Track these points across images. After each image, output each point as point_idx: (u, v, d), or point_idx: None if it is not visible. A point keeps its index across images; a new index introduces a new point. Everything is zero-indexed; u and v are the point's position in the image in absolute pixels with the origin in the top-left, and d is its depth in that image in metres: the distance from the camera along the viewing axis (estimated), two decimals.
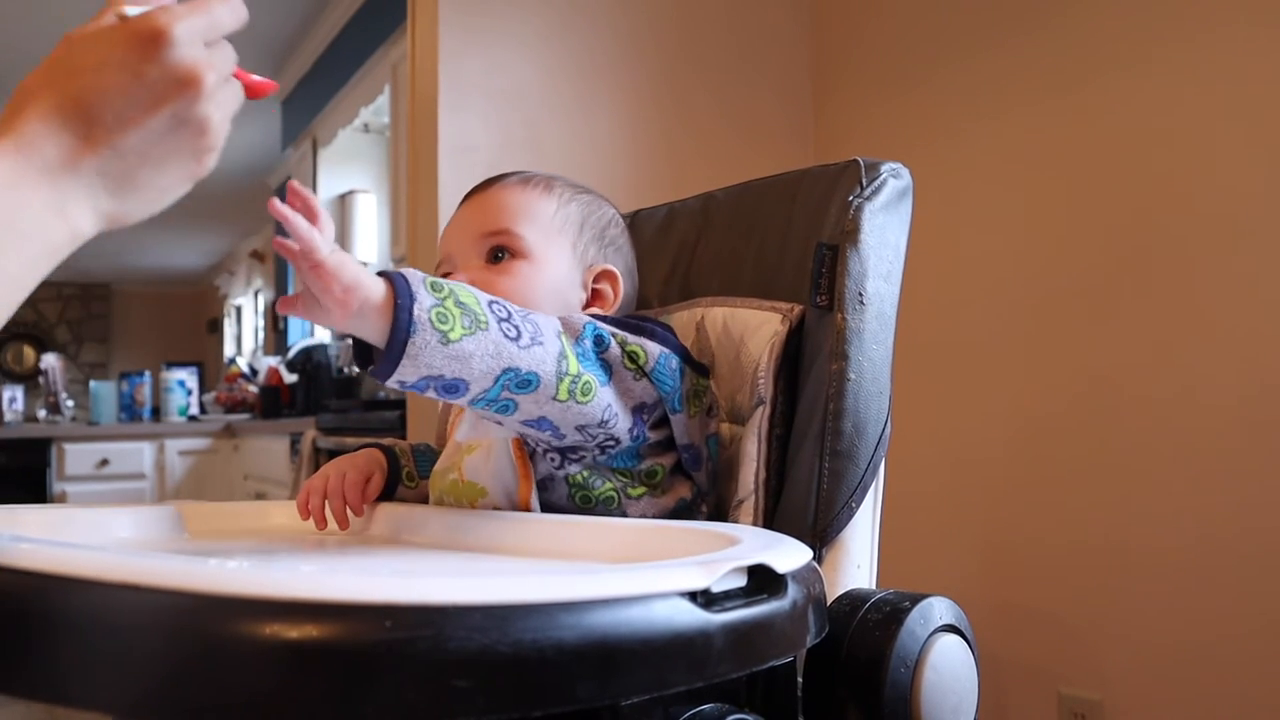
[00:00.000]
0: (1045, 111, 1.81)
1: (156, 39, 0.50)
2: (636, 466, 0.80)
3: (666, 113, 2.13)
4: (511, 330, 0.69)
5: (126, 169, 0.50)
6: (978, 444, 1.90)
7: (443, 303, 0.65)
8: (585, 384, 0.73)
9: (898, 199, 0.86)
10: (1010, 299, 1.86)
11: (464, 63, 1.94)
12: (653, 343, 0.79)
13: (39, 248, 0.48)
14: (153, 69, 0.50)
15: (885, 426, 0.82)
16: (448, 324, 0.65)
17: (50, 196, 0.48)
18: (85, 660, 0.39)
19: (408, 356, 0.64)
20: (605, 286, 0.90)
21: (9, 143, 0.48)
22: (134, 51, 0.50)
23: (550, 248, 0.87)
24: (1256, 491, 1.49)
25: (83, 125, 0.49)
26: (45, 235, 0.48)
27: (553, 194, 0.89)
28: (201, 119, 0.52)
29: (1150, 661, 1.61)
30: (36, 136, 0.48)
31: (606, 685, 0.42)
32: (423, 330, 0.63)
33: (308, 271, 0.62)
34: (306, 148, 4.02)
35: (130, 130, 0.49)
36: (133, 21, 0.51)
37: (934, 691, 0.65)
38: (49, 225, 0.48)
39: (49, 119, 0.48)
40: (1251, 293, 1.51)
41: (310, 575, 0.41)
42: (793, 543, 0.59)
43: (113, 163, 0.50)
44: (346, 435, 2.65)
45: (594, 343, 0.76)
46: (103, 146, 0.49)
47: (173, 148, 0.52)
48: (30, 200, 0.47)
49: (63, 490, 4.34)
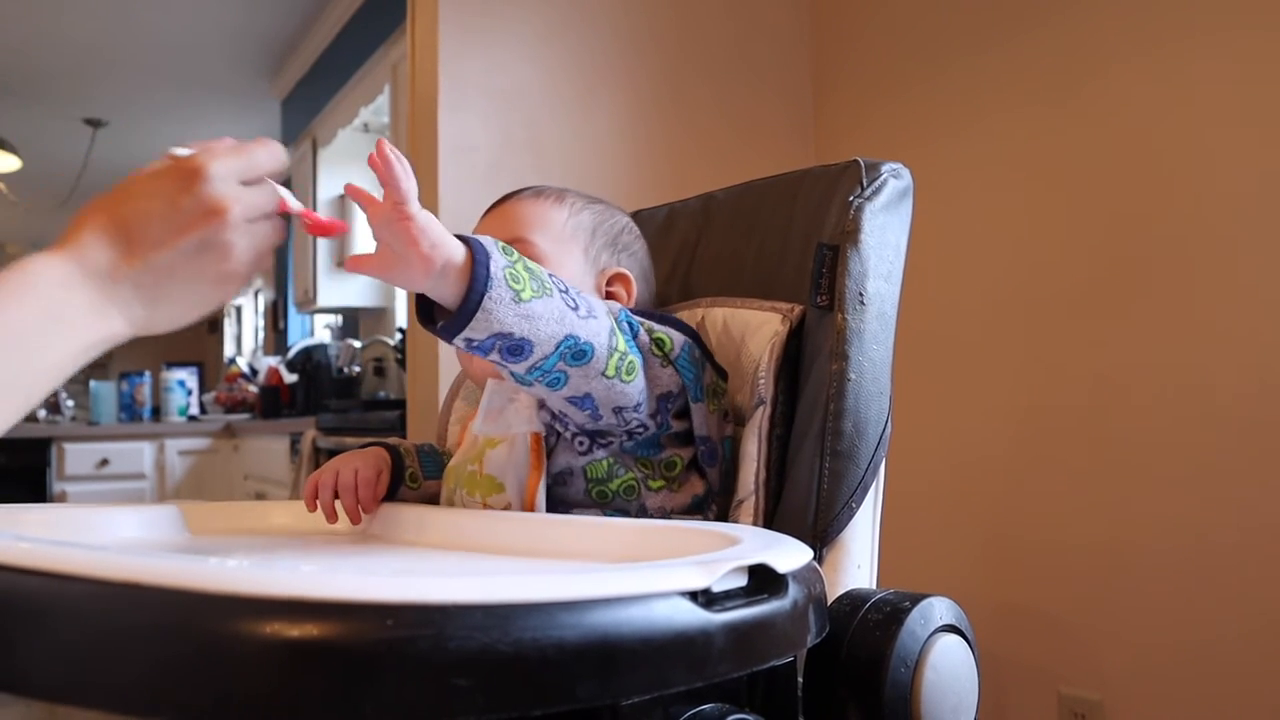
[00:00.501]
0: (1045, 111, 1.81)
1: (194, 174, 0.58)
2: (657, 456, 0.82)
3: (667, 113, 2.13)
4: (571, 301, 0.72)
5: (158, 282, 0.57)
6: (978, 444, 1.90)
7: (514, 265, 0.68)
8: (630, 363, 0.76)
9: (898, 199, 0.86)
10: (1010, 299, 1.86)
11: (464, 63, 1.94)
12: (676, 330, 0.82)
13: (78, 344, 0.55)
14: (187, 200, 0.58)
15: (885, 426, 0.82)
16: (520, 284, 0.68)
17: (94, 299, 0.56)
18: (86, 659, 0.39)
19: (483, 310, 0.66)
20: (619, 289, 0.93)
21: (66, 249, 0.56)
22: (175, 184, 0.58)
23: (562, 253, 0.89)
24: (1256, 492, 1.49)
25: (125, 242, 0.56)
26: (85, 333, 0.55)
27: (564, 204, 0.92)
28: (226, 245, 0.59)
29: (1150, 661, 1.61)
30: (88, 247, 0.56)
31: (607, 685, 0.42)
32: (498, 286, 0.66)
33: (397, 224, 0.64)
34: (306, 148, 4.02)
35: (164, 249, 0.57)
36: (180, 160, 0.60)
37: (934, 691, 0.65)
38: (89, 324, 0.55)
39: (100, 234, 0.56)
40: (1252, 292, 1.51)
41: (311, 574, 0.41)
42: (793, 543, 0.59)
43: (146, 276, 0.57)
44: (346, 435, 2.65)
45: (627, 326, 0.79)
46: (139, 261, 0.56)
47: (199, 269, 0.59)
48: (77, 300, 0.55)
49: (63, 490, 4.34)
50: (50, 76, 4.10)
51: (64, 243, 0.57)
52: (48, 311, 0.54)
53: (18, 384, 0.51)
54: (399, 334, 3.39)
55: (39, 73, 4.05)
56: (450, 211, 1.90)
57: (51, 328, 0.54)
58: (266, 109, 4.51)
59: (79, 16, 3.53)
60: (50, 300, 0.54)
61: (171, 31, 3.68)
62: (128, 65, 4.01)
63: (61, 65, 3.99)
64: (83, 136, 4.65)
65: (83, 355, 0.56)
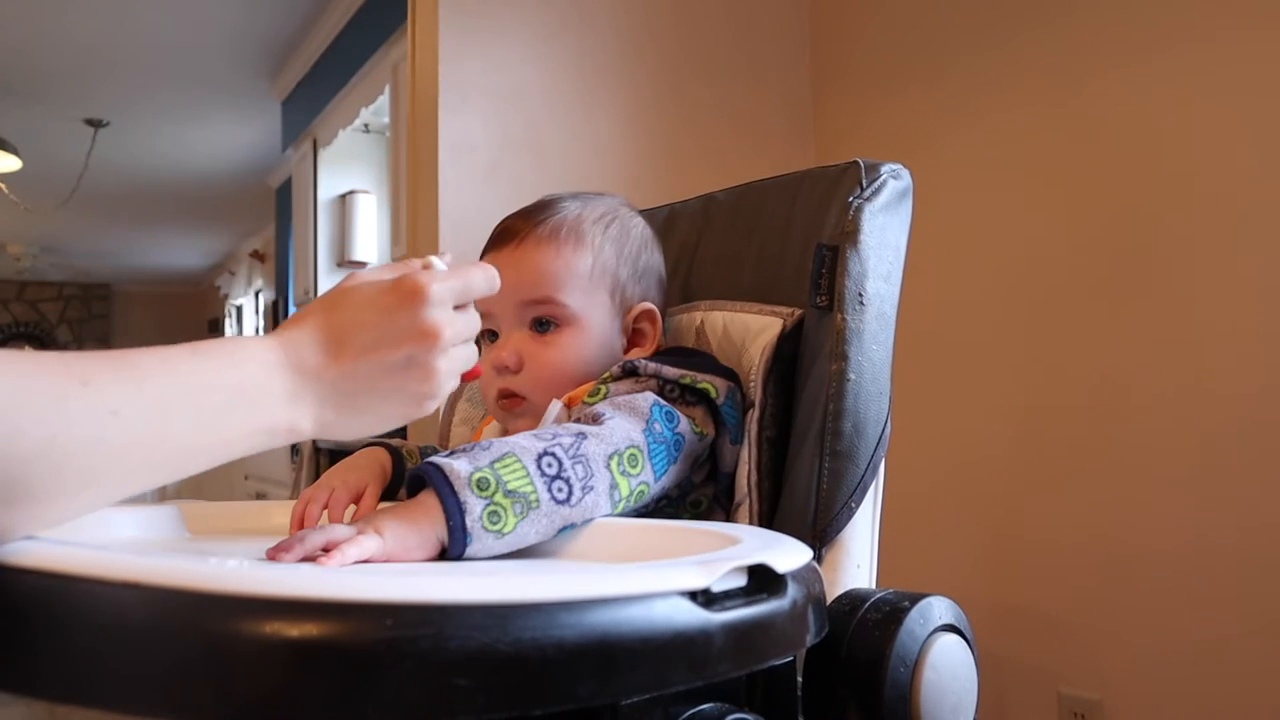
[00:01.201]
0: (1045, 112, 1.81)
1: (416, 295, 0.60)
2: (684, 501, 0.83)
3: (667, 114, 2.13)
4: (562, 490, 0.68)
5: (357, 390, 0.60)
6: (978, 444, 1.90)
7: (492, 499, 0.64)
8: (639, 493, 0.74)
9: (898, 200, 0.86)
10: (1010, 299, 1.86)
11: (464, 63, 1.94)
12: (718, 377, 0.82)
13: (258, 424, 0.56)
14: (404, 318, 0.60)
15: (885, 426, 0.82)
16: (500, 522, 0.65)
17: (290, 389, 0.57)
18: (86, 658, 0.39)
19: (465, 558, 0.64)
20: (645, 326, 0.92)
21: (280, 339, 0.58)
22: (395, 300, 0.60)
23: (592, 307, 0.88)
24: (1256, 492, 1.49)
25: (336, 345, 0.59)
26: (268, 417, 0.56)
27: (585, 246, 0.89)
28: (431, 367, 0.61)
29: (1149, 661, 1.61)
30: (299, 343, 0.59)
31: (606, 684, 0.42)
32: (478, 539, 0.64)
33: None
34: (306, 148, 4.02)
35: (370, 359, 0.59)
36: (402, 278, 0.62)
37: (933, 691, 0.65)
38: (275, 410, 0.56)
39: (313, 334, 0.59)
40: (1251, 292, 1.51)
41: (311, 574, 0.41)
42: (793, 543, 0.59)
43: (347, 382, 0.59)
44: None
45: (665, 419, 0.78)
46: (346, 365, 0.59)
47: (399, 384, 0.61)
48: (274, 385, 0.56)
49: None
50: (51, 76, 4.10)
51: (280, 333, 0.59)
52: (241, 386, 0.55)
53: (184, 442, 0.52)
54: None
55: (40, 73, 4.05)
56: (450, 211, 1.90)
57: (240, 400, 0.55)
58: (266, 109, 4.51)
59: (80, 17, 3.53)
60: (249, 377, 0.55)
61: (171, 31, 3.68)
62: (128, 65, 4.01)
63: (62, 65, 3.99)
64: (83, 136, 4.65)
65: (257, 438, 0.56)
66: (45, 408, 0.46)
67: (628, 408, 0.77)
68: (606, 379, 0.84)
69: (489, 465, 0.65)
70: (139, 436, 0.50)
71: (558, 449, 0.69)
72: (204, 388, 0.53)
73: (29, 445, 0.45)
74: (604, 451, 0.72)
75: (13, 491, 0.45)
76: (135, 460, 0.50)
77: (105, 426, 0.48)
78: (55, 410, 0.46)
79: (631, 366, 0.84)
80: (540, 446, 0.68)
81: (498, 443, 0.68)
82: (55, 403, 0.46)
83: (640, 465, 0.74)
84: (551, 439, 0.70)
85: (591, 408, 0.78)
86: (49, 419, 0.46)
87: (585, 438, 0.71)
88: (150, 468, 0.51)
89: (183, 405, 0.52)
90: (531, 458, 0.67)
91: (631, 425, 0.75)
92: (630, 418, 0.76)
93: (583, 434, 0.71)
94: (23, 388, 0.46)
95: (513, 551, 0.67)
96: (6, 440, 0.44)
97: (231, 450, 0.55)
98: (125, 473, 0.50)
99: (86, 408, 0.47)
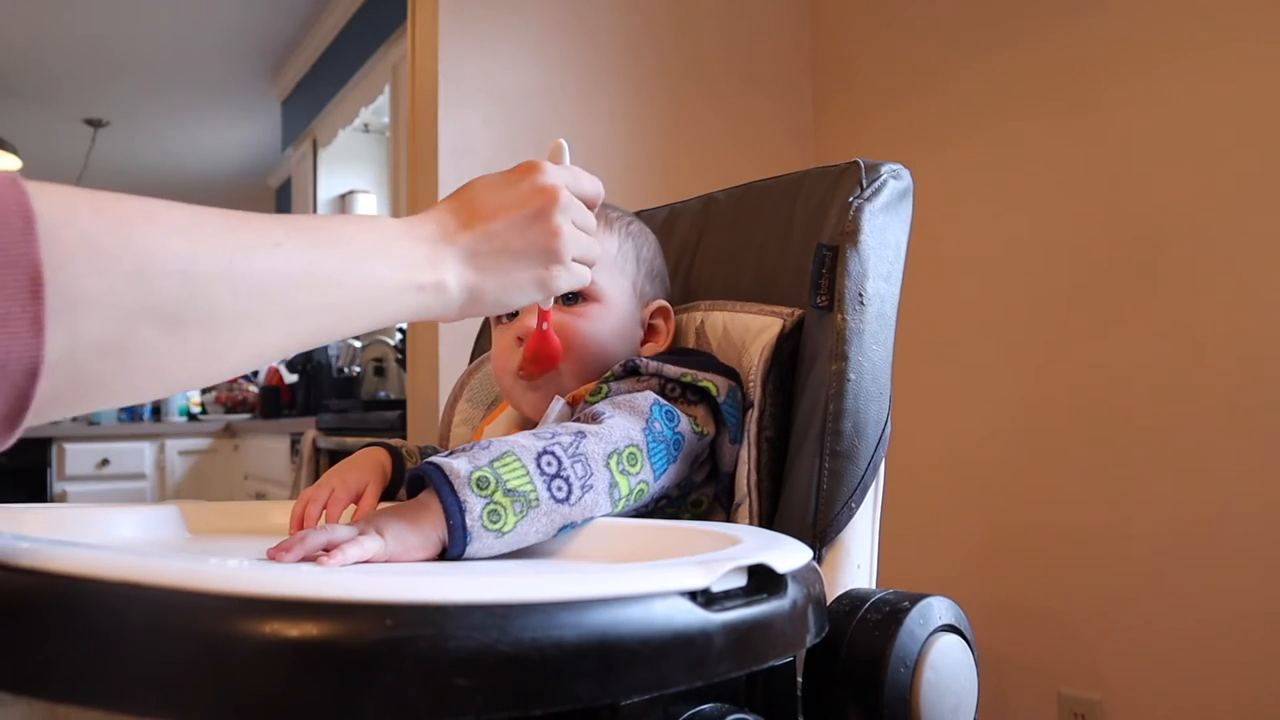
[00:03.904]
0: (1045, 118, 1.81)
1: (532, 168, 0.68)
2: (685, 501, 0.83)
3: (666, 118, 2.13)
4: (562, 489, 0.68)
5: (491, 250, 0.63)
6: (977, 444, 1.90)
7: (491, 498, 0.64)
8: (639, 492, 0.74)
9: (898, 200, 0.86)
10: (1009, 302, 1.86)
11: (464, 63, 1.94)
12: (719, 376, 0.82)
13: (409, 277, 0.58)
14: (525, 182, 0.66)
15: (885, 427, 0.82)
16: (499, 521, 0.65)
17: (430, 252, 0.60)
18: (85, 658, 0.39)
19: (466, 558, 0.65)
20: (660, 323, 0.93)
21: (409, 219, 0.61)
22: (516, 174, 0.67)
23: (616, 289, 0.90)
24: (1256, 491, 1.49)
25: (465, 213, 0.63)
26: (415, 271, 0.58)
27: (612, 229, 0.91)
28: (555, 224, 0.65)
29: (1149, 661, 1.61)
30: (424, 220, 0.62)
31: (606, 684, 0.42)
32: (479, 538, 0.64)
33: None
34: (306, 148, 4.02)
35: (500, 219, 0.63)
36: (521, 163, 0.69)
37: (933, 691, 0.65)
38: (421, 266, 0.59)
39: (444, 209, 0.64)
40: (1250, 292, 1.51)
41: (311, 574, 0.41)
42: (793, 543, 0.59)
43: (481, 243, 0.63)
44: (347, 435, 2.65)
45: (665, 418, 0.78)
46: (478, 227, 0.63)
47: (528, 244, 0.65)
48: (412, 249, 0.59)
49: (63, 490, 4.34)
50: (51, 76, 4.10)
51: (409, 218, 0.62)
52: (385, 242, 0.57)
53: (345, 282, 0.53)
54: (399, 334, 3.39)
55: (40, 72, 4.05)
56: None
57: (386, 254, 0.56)
58: (266, 109, 4.51)
59: (80, 17, 3.53)
60: (391, 237, 0.58)
61: (171, 31, 3.68)
62: (128, 65, 4.01)
63: (62, 65, 3.99)
64: (83, 136, 4.65)
65: (408, 293, 0.58)
66: (220, 237, 0.48)
67: (627, 406, 0.77)
68: (608, 378, 0.84)
69: (488, 464, 0.65)
70: (305, 267, 0.51)
71: (557, 448, 0.69)
72: (352, 238, 0.55)
73: (209, 266, 0.47)
74: (603, 450, 0.72)
75: (192, 310, 0.46)
76: (303, 295, 0.51)
77: (273, 256, 0.50)
78: (230, 239, 0.48)
79: (633, 366, 0.84)
80: (540, 445, 0.68)
81: (497, 442, 0.68)
82: (228, 234, 0.48)
83: (639, 464, 0.74)
84: (551, 438, 0.70)
85: (592, 407, 0.78)
86: (226, 245, 0.48)
87: (584, 436, 0.71)
88: (315, 312, 0.52)
89: (337, 251, 0.54)
90: (531, 456, 0.67)
91: (631, 424, 0.75)
92: (630, 416, 0.76)
93: (582, 433, 0.71)
94: (198, 221, 0.48)
95: (513, 551, 0.67)
96: (189, 260, 0.46)
97: (388, 304, 0.57)
98: (295, 309, 0.51)
99: (255, 240, 0.50)
